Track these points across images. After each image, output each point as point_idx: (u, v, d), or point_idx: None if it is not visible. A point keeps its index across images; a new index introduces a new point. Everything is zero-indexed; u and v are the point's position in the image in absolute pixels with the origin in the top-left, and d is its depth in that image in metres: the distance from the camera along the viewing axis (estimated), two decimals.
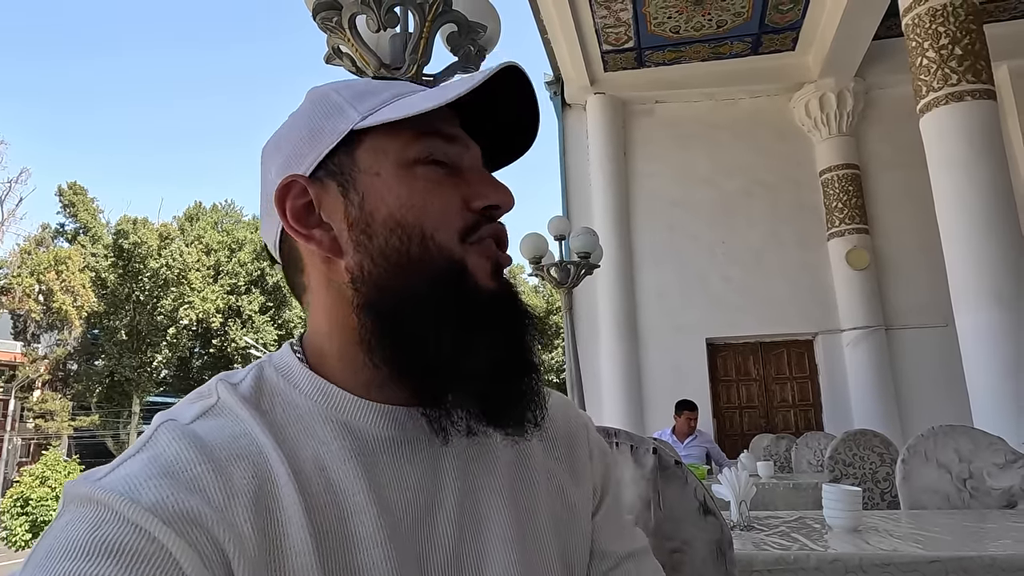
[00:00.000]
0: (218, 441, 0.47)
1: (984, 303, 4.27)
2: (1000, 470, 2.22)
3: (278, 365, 0.55)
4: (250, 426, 0.48)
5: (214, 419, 0.49)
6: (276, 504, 0.45)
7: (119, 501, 0.41)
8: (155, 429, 0.48)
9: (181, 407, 0.51)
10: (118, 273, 28.21)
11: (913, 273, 7.36)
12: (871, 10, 6.64)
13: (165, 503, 0.41)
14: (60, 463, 20.68)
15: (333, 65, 2.38)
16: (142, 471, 0.43)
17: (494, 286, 0.52)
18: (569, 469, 0.62)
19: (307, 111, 0.56)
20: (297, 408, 0.51)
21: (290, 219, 0.53)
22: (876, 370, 7.22)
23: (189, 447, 0.45)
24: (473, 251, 0.52)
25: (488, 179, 0.55)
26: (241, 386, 0.52)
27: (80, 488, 0.43)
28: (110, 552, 0.39)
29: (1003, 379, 4.16)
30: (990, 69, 4.65)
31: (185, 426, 0.48)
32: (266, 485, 0.45)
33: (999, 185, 4.43)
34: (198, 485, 0.43)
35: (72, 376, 28.52)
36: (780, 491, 3.83)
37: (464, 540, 0.51)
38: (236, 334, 29.60)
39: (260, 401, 0.51)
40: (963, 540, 1.68)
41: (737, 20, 7.34)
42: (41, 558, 0.40)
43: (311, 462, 0.48)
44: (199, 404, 0.51)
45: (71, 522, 0.41)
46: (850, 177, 7.71)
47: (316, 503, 0.46)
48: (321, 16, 2.21)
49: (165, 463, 0.44)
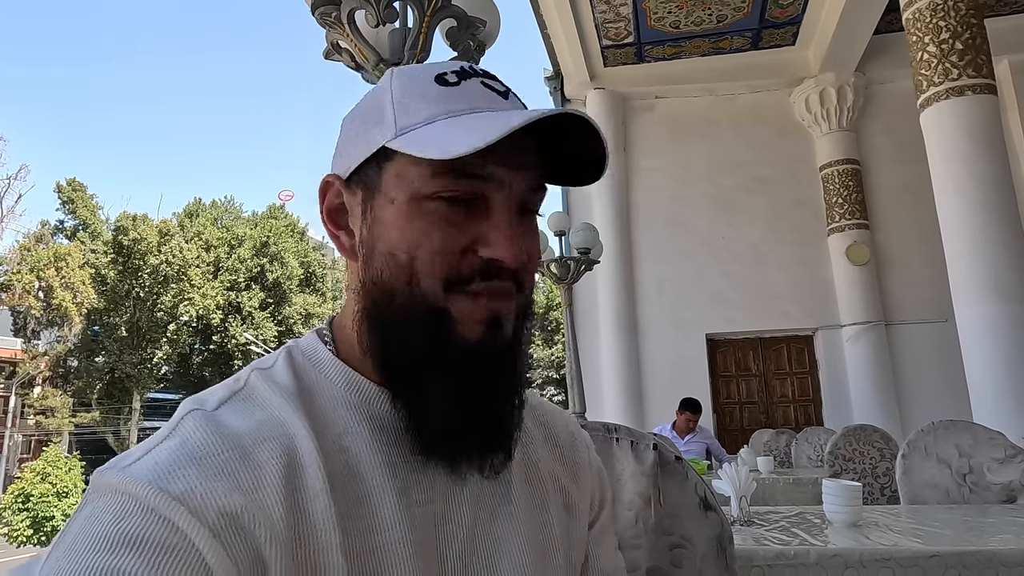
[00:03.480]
0: (243, 425, 0.47)
1: (984, 298, 4.27)
2: (1000, 465, 2.22)
3: (304, 350, 0.56)
4: (279, 408, 0.49)
5: (240, 404, 0.50)
6: (302, 483, 0.46)
7: (146, 490, 0.41)
8: (181, 417, 0.49)
9: (208, 394, 0.52)
10: (118, 269, 28.20)
11: (913, 268, 7.36)
12: (871, 5, 6.62)
13: (194, 491, 0.42)
14: (61, 459, 20.70)
15: (333, 60, 2.38)
16: (169, 459, 0.44)
17: (479, 338, 0.50)
18: (571, 473, 0.64)
19: (367, 103, 0.55)
20: (322, 392, 0.52)
21: (325, 215, 0.56)
22: (876, 365, 7.22)
23: (214, 434, 0.46)
24: (461, 300, 0.50)
25: (505, 228, 0.51)
26: (273, 370, 0.53)
27: (107, 477, 0.44)
28: (134, 544, 0.39)
29: (1003, 374, 4.16)
30: (991, 64, 4.64)
31: (210, 412, 0.48)
32: (293, 465, 0.46)
33: (1000, 180, 4.42)
34: (226, 471, 0.44)
35: (72, 372, 28.54)
36: (780, 486, 3.83)
37: (479, 524, 0.53)
38: (236, 330, 29.60)
39: (291, 382, 0.52)
40: (963, 535, 1.68)
41: (737, 15, 7.32)
42: (66, 549, 0.40)
43: (334, 444, 0.49)
44: (225, 390, 0.52)
45: (96, 512, 0.42)
46: (850, 172, 7.70)
47: (339, 484, 0.47)
48: (320, 11, 2.20)
49: (191, 450, 0.44)
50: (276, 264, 31.14)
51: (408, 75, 0.54)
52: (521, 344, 0.54)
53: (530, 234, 0.54)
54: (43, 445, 23.68)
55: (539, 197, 0.55)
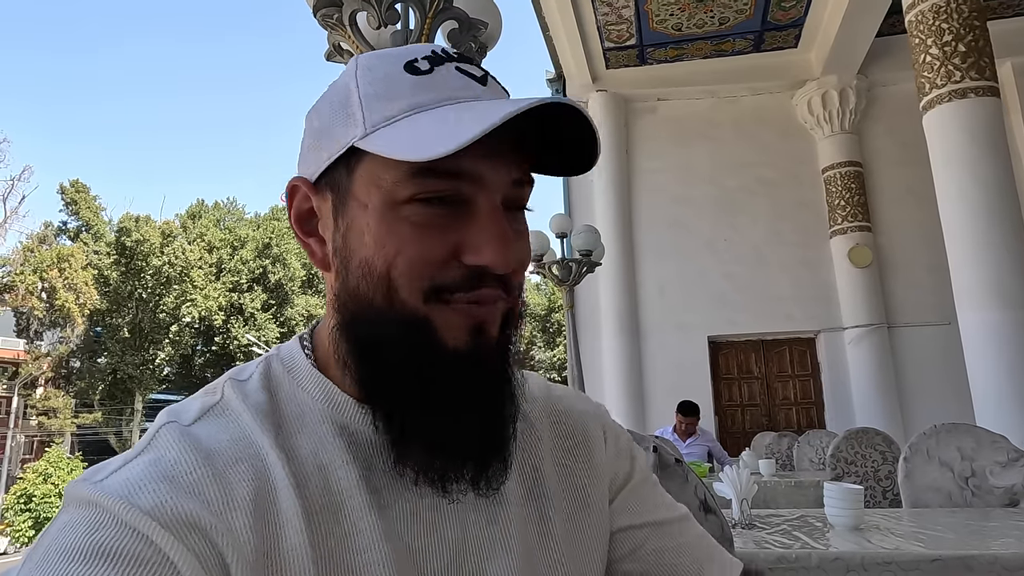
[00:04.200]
0: (217, 444, 0.46)
1: (987, 302, 4.26)
2: (1003, 468, 2.21)
3: (285, 359, 0.54)
4: (250, 427, 0.48)
5: (215, 419, 0.49)
6: (274, 508, 0.44)
7: (117, 504, 0.41)
8: (156, 430, 0.48)
9: (185, 405, 0.51)
10: (120, 271, 28.27)
11: (916, 271, 7.34)
12: (874, 7, 6.62)
13: (164, 507, 0.41)
14: (63, 460, 20.75)
15: (334, 62, 2.38)
16: (142, 474, 0.43)
17: (461, 346, 0.46)
18: (585, 463, 0.60)
19: (332, 97, 0.51)
20: (300, 406, 0.50)
21: (294, 220, 0.53)
22: (878, 368, 7.21)
23: (188, 451, 0.45)
24: (442, 310, 0.46)
25: (492, 229, 0.46)
26: (248, 384, 0.52)
27: (80, 489, 0.43)
28: (107, 556, 0.39)
29: (1006, 377, 4.14)
30: (994, 66, 4.63)
31: (186, 428, 0.47)
32: (264, 489, 0.45)
33: (1003, 183, 4.41)
34: (197, 490, 0.43)
35: (75, 373, 28.60)
36: (782, 489, 3.82)
37: (467, 544, 0.50)
38: (238, 332, 29.64)
39: (264, 399, 0.50)
40: (965, 538, 1.67)
41: (739, 17, 7.32)
42: (39, 560, 0.40)
43: (311, 462, 0.47)
44: (201, 402, 0.50)
45: (69, 524, 0.41)
46: (852, 174, 7.69)
47: (314, 504, 0.46)
48: (321, 13, 2.20)
49: (165, 467, 0.44)
50: (278, 265, 31.19)
51: (375, 63, 0.50)
52: (509, 350, 0.50)
53: (519, 234, 0.50)
54: (45, 446, 23.75)
55: (526, 192, 0.51)
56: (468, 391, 0.46)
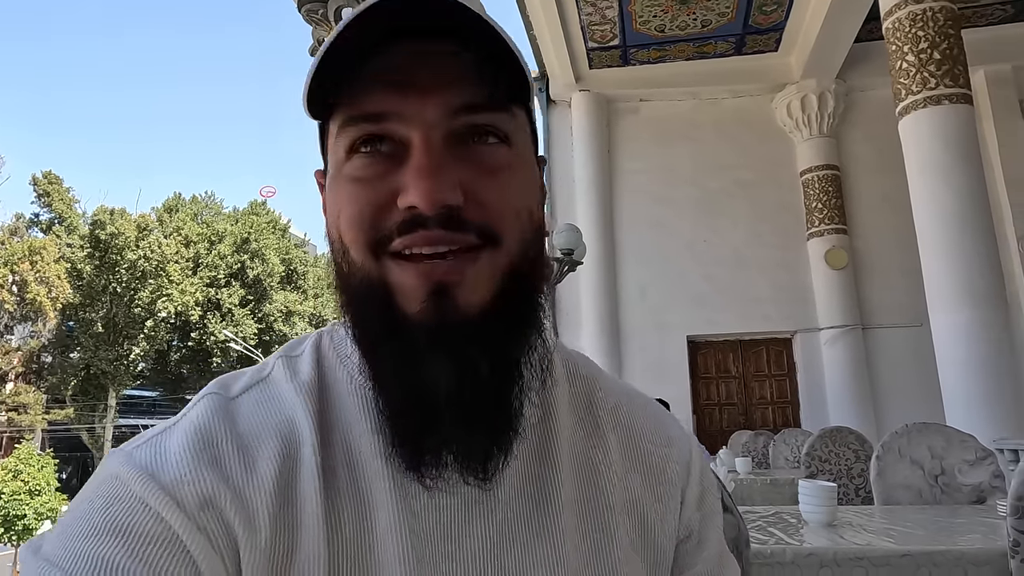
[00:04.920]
0: (254, 419, 0.46)
1: (958, 305, 4.36)
2: (971, 467, 2.27)
3: (335, 337, 0.52)
4: (291, 405, 0.47)
5: (258, 394, 0.48)
6: (294, 489, 0.44)
7: (138, 479, 0.42)
8: (200, 398, 0.48)
9: (234, 376, 0.51)
10: (94, 264, 27.77)
11: (890, 274, 7.48)
12: (853, 13, 6.73)
13: (182, 481, 0.41)
14: (33, 457, 20.32)
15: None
16: (171, 443, 0.44)
17: (419, 310, 0.41)
18: (653, 489, 0.53)
19: None
20: (340, 388, 0.48)
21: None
22: (852, 368, 7.34)
23: (222, 421, 0.45)
24: (395, 266, 0.42)
25: (414, 162, 0.42)
26: (299, 360, 0.51)
27: (112, 459, 0.44)
28: (120, 532, 0.40)
29: (975, 378, 4.25)
30: (967, 74, 4.74)
31: (228, 399, 0.47)
32: (289, 468, 0.44)
33: (975, 189, 4.51)
34: (221, 461, 0.43)
35: (46, 368, 28.06)
36: (758, 486, 3.88)
37: (502, 550, 0.45)
38: (215, 327, 29.27)
39: (311, 376, 0.49)
40: (934, 535, 1.72)
41: (722, 20, 7.39)
42: (61, 531, 0.41)
43: (341, 445, 0.46)
44: (250, 376, 0.50)
45: (93, 495, 0.42)
46: (830, 178, 7.82)
47: (338, 489, 0.44)
48: (306, 8, 2.18)
49: (195, 434, 0.44)
50: (257, 261, 30.85)
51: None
52: (498, 317, 0.42)
53: (478, 166, 0.43)
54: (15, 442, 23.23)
55: (485, 119, 0.44)
56: (433, 366, 0.41)
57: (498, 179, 0.44)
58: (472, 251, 0.42)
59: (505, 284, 0.43)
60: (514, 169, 0.45)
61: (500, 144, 0.45)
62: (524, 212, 0.45)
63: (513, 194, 0.45)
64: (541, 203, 0.49)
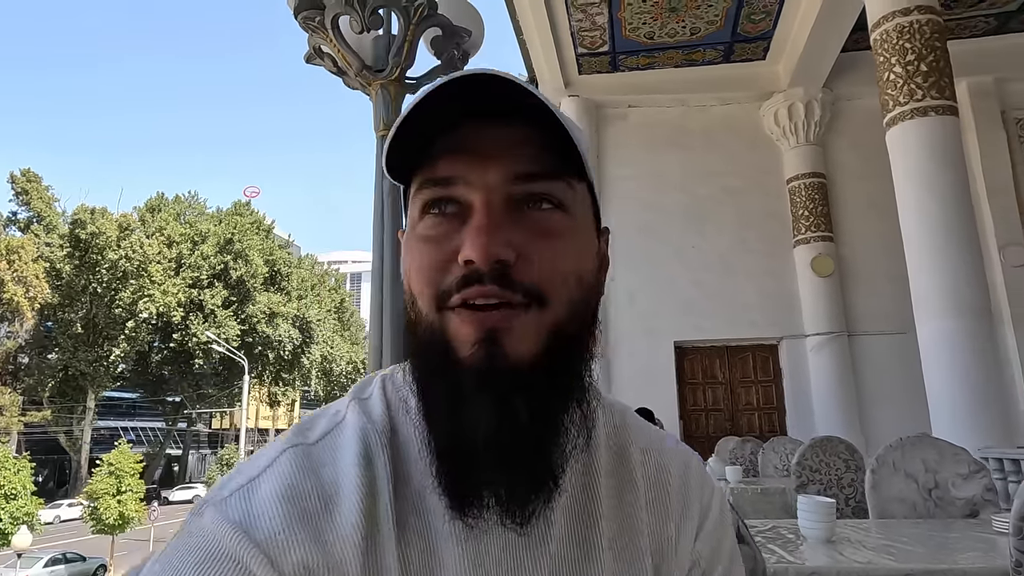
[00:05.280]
0: (336, 468, 0.47)
1: (944, 313, 4.41)
2: (964, 480, 2.29)
3: (395, 381, 0.54)
4: (368, 452, 0.48)
5: (335, 439, 0.50)
6: (376, 541, 0.45)
7: (233, 536, 0.43)
8: (282, 450, 0.49)
9: (311, 423, 0.52)
10: (74, 264, 27.37)
11: (876, 281, 7.56)
12: (840, 23, 6.80)
13: (276, 538, 0.43)
14: (9, 460, 19.95)
15: (314, 64, 2.34)
16: (263, 497, 0.45)
17: (470, 356, 0.44)
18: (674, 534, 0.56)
19: None
20: (405, 432, 0.50)
21: None
22: (838, 374, 7.41)
23: (308, 476, 0.46)
24: (450, 316, 0.46)
25: (473, 222, 0.46)
26: (369, 402, 0.53)
27: (205, 513, 0.45)
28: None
29: (961, 387, 4.30)
30: (953, 86, 4.80)
31: (308, 446, 0.49)
32: (372, 518, 0.46)
33: (960, 199, 4.57)
34: (310, 518, 0.44)
35: (23, 370, 27.58)
36: (748, 496, 3.89)
37: None
38: (198, 328, 28.96)
39: (383, 422, 0.51)
40: (933, 552, 1.73)
41: (710, 28, 7.44)
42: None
43: (411, 486, 0.48)
44: (326, 422, 0.51)
45: (187, 547, 0.43)
46: (816, 186, 7.89)
47: (409, 534, 0.46)
48: (303, 15, 2.16)
49: (285, 491, 0.45)
50: (240, 261, 30.58)
51: None
52: (543, 370, 0.45)
53: (531, 229, 0.47)
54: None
55: (542, 187, 0.47)
56: (475, 408, 0.44)
57: (549, 242, 0.47)
58: (518, 308, 0.45)
59: (551, 342, 0.46)
60: (566, 235, 0.48)
61: (554, 210, 0.48)
62: (572, 276, 0.48)
63: (563, 258, 0.48)
64: (596, 271, 0.53)
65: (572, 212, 0.49)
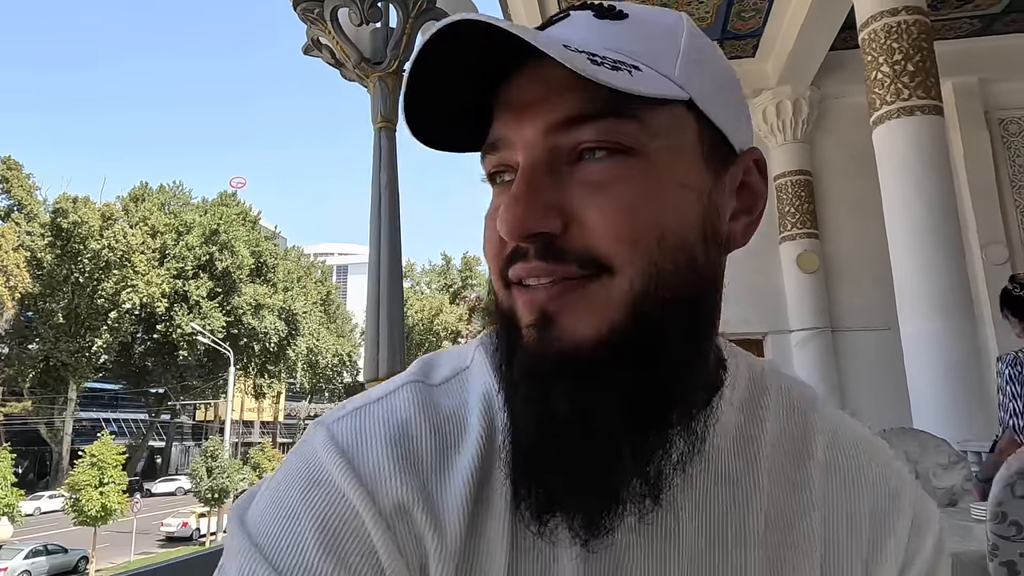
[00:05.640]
0: (455, 416, 0.44)
1: (927, 312, 4.48)
2: (944, 470, 2.36)
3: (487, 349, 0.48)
4: (489, 402, 0.44)
5: (460, 385, 0.47)
6: (488, 499, 0.42)
7: (337, 466, 0.41)
8: (403, 383, 0.46)
9: (437, 361, 0.49)
10: (56, 253, 27.00)
11: (860, 278, 7.66)
12: (829, 22, 6.86)
13: (380, 474, 0.41)
14: None
15: (312, 56, 2.35)
16: (372, 427, 0.43)
17: (527, 339, 0.40)
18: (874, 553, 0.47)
19: None
20: None
21: None
22: (823, 370, 7.51)
23: (424, 416, 0.43)
24: (517, 293, 0.41)
25: (512, 193, 0.39)
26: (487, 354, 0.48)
27: (317, 433, 0.44)
28: (317, 523, 0.40)
29: (943, 385, 4.38)
30: (939, 86, 4.88)
31: (431, 387, 0.46)
32: (486, 473, 0.42)
33: (945, 199, 4.65)
34: (418, 464, 0.41)
35: (3, 360, 27.20)
36: None
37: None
38: (182, 320, 28.70)
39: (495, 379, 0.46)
40: None
41: (701, 24, 7.44)
42: (268, 501, 0.42)
43: None
44: (452, 364, 0.48)
45: (296, 470, 0.43)
46: (803, 183, 7.97)
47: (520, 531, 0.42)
48: (302, 7, 2.17)
49: (395, 425, 0.43)
50: (226, 252, 30.32)
51: None
52: (614, 354, 0.37)
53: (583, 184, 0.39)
54: None
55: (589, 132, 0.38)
56: (533, 400, 0.39)
57: (607, 197, 0.38)
58: (576, 280, 0.38)
59: (625, 318, 0.38)
60: (633, 183, 0.39)
61: (611, 156, 0.39)
62: (650, 232, 0.38)
63: (628, 213, 0.38)
64: (704, 218, 0.43)
65: (645, 152, 0.39)
